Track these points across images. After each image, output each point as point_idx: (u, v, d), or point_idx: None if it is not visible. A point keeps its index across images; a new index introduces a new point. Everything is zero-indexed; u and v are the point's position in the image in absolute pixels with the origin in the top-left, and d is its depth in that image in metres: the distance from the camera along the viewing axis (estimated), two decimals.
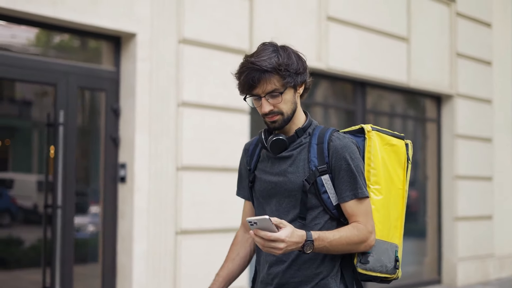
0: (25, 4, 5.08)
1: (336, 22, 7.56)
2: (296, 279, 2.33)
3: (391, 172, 2.41)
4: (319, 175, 2.30)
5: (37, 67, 5.35)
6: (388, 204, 2.39)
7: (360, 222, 2.29)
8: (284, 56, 2.30)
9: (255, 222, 2.09)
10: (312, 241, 2.18)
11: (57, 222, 5.37)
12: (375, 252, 2.33)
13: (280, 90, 2.28)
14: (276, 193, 2.37)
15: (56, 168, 5.38)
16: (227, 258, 2.56)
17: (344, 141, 2.33)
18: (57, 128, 5.39)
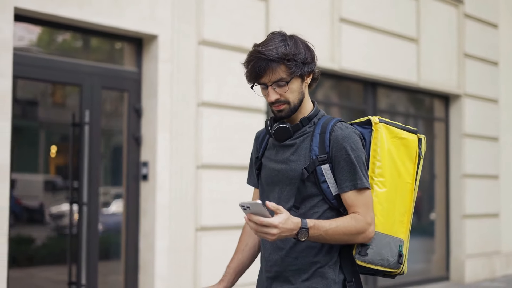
0: (55, 7, 5.24)
1: (348, 24, 7.72)
2: (294, 267, 2.33)
3: (398, 165, 2.39)
4: (318, 164, 2.30)
5: (63, 68, 5.51)
6: (393, 197, 2.37)
7: (359, 213, 2.28)
8: (291, 46, 2.30)
9: (247, 206, 2.09)
10: (307, 229, 2.16)
11: (83, 219, 5.52)
12: (375, 245, 2.31)
13: (287, 80, 2.29)
14: (279, 181, 2.38)
15: (81, 166, 5.54)
16: (237, 249, 2.57)
17: (346, 132, 2.32)
18: (82, 127, 5.55)
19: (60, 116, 6.67)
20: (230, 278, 2.51)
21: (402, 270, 2.39)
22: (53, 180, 7.39)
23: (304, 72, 2.32)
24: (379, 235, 2.32)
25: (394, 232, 2.35)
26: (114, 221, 7.41)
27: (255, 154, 2.52)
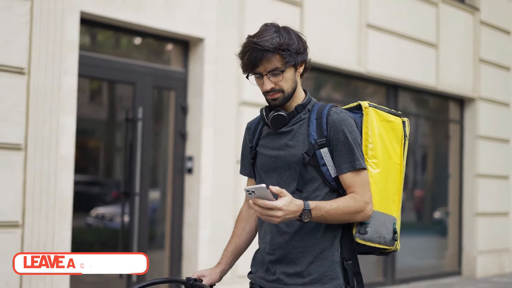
0: (115, 11, 5.64)
1: (374, 29, 8.14)
2: (299, 249, 2.39)
3: (388, 147, 2.48)
4: (318, 148, 2.37)
5: (119, 67, 5.91)
6: (386, 177, 2.46)
7: (357, 193, 2.35)
8: (285, 36, 2.37)
9: (252, 191, 2.15)
10: (310, 210, 2.24)
11: (134, 209, 5.93)
12: (373, 223, 2.39)
13: (281, 69, 2.35)
14: (277, 167, 2.44)
15: (134, 159, 5.95)
16: (233, 234, 2.65)
17: (342, 115, 2.40)
18: (135, 123, 5.96)
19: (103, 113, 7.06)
20: (228, 260, 2.62)
21: (396, 247, 2.49)
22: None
23: (297, 61, 2.39)
24: (376, 214, 2.40)
25: (388, 210, 2.45)
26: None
27: (249, 144, 2.58)
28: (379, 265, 8.62)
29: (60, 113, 5.24)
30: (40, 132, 5.11)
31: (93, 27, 5.89)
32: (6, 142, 4.93)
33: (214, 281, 2.58)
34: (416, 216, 10.13)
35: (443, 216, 10.38)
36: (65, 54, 5.28)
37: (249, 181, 2.67)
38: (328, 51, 7.57)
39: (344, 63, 7.80)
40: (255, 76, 2.42)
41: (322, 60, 7.44)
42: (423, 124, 9.99)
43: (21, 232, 5.01)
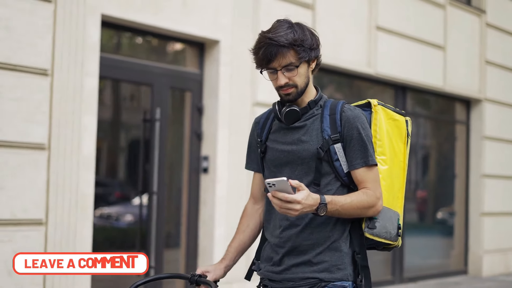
0: (134, 14, 5.77)
1: (383, 32, 8.27)
2: (309, 241, 2.42)
3: (394, 145, 2.52)
4: (332, 144, 2.41)
5: (137, 69, 6.04)
6: (392, 174, 2.51)
7: (369, 188, 2.40)
8: (299, 32, 2.40)
9: (273, 183, 2.18)
10: (326, 204, 2.28)
11: (152, 207, 6.06)
12: (381, 218, 2.44)
13: (296, 64, 2.38)
14: (289, 161, 2.46)
15: (152, 159, 6.07)
16: (238, 230, 2.66)
17: (355, 112, 2.44)
18: (153, 123, 6.09)
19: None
20: (232, 256, 2.62)
21: (398, 242, 2.52)
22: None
23: (311, 57, 2.43)
24: (384, 209, 2.45)
25: (394, 206, 2.51)
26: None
27: (257, 138, 2.59)
28: (388, 263, 8.75)
29: (82, 113, 5.37)
30: (62, 132, 5.23)
31: (114, 30, 6.01)
32: (30, 141, 5.06)
33: (218, 277, 2.59)
34: (420, 216, 10.26)
35: (445, 216, 10.51)
36: (86, 56, 5.40)
37: (255, 176, 2.68)
38: (339, 52, 7.70)
39: (354, 65, 7.93)
40: (268, 71, 2.45)
41: (333, 61, 7.57)
42: (429, 124, 10.12)
43: (45, 229, 5.13)
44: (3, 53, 4.92)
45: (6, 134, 4.93)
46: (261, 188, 2.66)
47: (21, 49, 5.02)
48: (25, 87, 5.03)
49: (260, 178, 2.65)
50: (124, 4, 5.72)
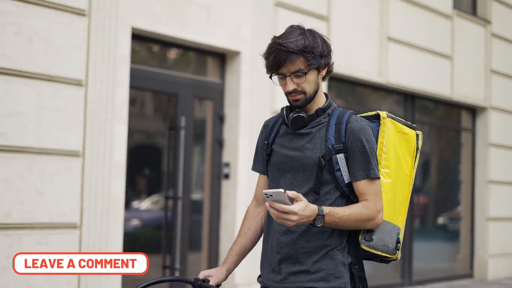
0: (162, 27, 6.04)
1: (394, 42, 8.56)
2: (305, 249, 2.42)
3: (400, 158, 2.51)
4: (334, 153, 2.40)
5: (163, 79, 6.30)
6: (395, 188, 2.49)
7: (370, 201, 2.39)
8: (310, 39, 2.41)
9: (270, 194, 2.20)
10: (323, 216, 2.28)
11: (177, 212, 6.31)
12: (379, 231, 2.43)
13: (305, 71, 2.38)
14: (292, 167, 2.47)
15: (177, 165, 6.33)
16: (240, 233, 2.65)
17: (361, 124, 2.43)
18: (178, 131, 6.35)
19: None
20: (233, 260, 2.62)
21: (397, 256, 2.52)
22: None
23: (320, 64, 2.43)
24: (383, 223, 2.44)
25: (394, 220, 2.49)
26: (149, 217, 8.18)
27: (264, 141, 2.60)
28: (397, 267, 9.01)
29: (114, 122, 5.62)
30: (96, 140, 5.49)
31: (143, 42, 6.27)
32: (66, 149, 5.31)
33: (220, 281, 2.59)
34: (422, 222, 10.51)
35: (446, 221, 10.77)
36: (118, 67, 5.66)
37: (260, 177, 2.69)
38: (352, 62, 7.97)
39: (366, 74, 8.21)
40: (278, 77, 2.46)
41: (346, 71, 7.85)
42: (435, 131, 10.39)
43: (79, 232, 5.38)
44: (42, 65, 5.18)
45: (44, 142, 5.18)
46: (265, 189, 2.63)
47: (58, 61, 5.28)
48: (62, 97, 5.29)
49: (264, 181, 2.66)
50: (153, 17, 5.98)
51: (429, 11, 9.20)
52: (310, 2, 7.46)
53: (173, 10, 6.13)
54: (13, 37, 5.03)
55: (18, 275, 4.61)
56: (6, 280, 4.93)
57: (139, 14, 5.88)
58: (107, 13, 5.59)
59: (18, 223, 5.04)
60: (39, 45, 5.17)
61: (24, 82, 5.09)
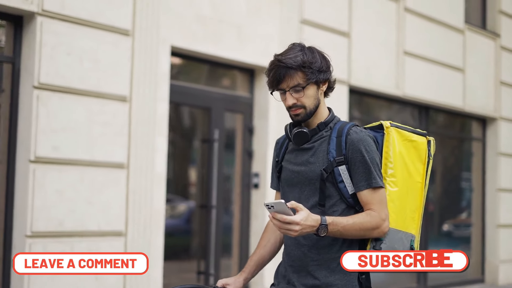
0: (197, 45, 6.39)
1: (410, 56, 8.92)
2: (316, 262, 2.47)
3: (409, 166, 2.53)
4: (336, 166, 2.45)
5: (197, 94, 6.65)
6: (404, 196, 2.51)
7: (374, 210, 2.42)
8: (308, 55, 2.49)
9: (272, 205, 2.27)
10: (326, 225, 2.33)
11: (211, 220, 6.64)
12: (388, 240, 2.45)
13: (303, 85, 2.45)
14: (298, 182, 2.52)
15: (211, 175, 6.66)
16: (259, 245, 2.73)
17: (361, 135, 2.47)
18: (212, 143, 6.68)
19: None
20: (251, 270, 2.69)
21: None
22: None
23: (319, 79, 2.49)
24: (392, 231, 2.46)
25: (406, 227, 2.50)
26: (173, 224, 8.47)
27: (276, 158, 2.68)
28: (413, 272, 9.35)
29: (155, 135, 5.96)
30: (139, 152, 5.82)
31: (181, 59, 6.62)
32: (113, 161, 5.65)
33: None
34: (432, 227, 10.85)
35: (451, 228, 11.10)
36: (158, 83, 6.00)
37: (276, 194, 2.74)
38: (371, 76, 8.32)
39: (385, 87, 8.56)
40: (279, 92, 2.53)
41: (366, 84, 8.20)
42: (446, 141, 10.75)
43: (125, 240, 5.71)
44: (91, 82, 5.52)
45: (94, 155, 5.52)
46: None
47: (105, 79, 5.62)
48: (109, 113, 5.62)
49: (279, 197, 2.70)
50: (190, 36, 6.33)
51: (442, 26, 9.56)
52: (332, 19, 7.82)
53: (207, 29, 6.48)
54: (65, 57, 5.38)
55: (66, 276, 4.92)
56: (57, 284, 5.25)
57: (178, 33, 6.23)
58: (149, 33, 5.94)
59: (70, 231, 5.37)
60: (89, 63, 5.51)
61: (75, 99, 5.43)
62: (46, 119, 5.24)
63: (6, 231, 5.23)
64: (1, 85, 5.42)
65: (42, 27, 5.23)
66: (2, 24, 5.39)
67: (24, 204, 5.15)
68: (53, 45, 5.29)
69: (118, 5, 5.73)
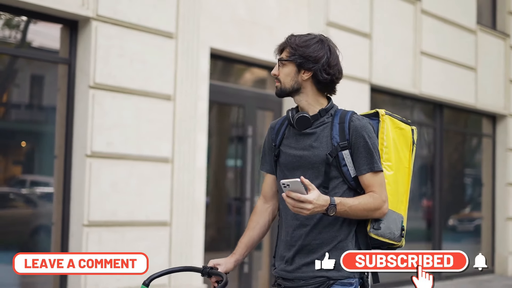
0: (233, 46, 6.78)
1: (426, 56, 9.32)
2: (317, 241, 2.56)
3: (399, 152, 2.66)
4: (340, 150, 2.55)
5: (232, 92, 7.03)
6: (397, 179, 2.65)
7: (376, 192, 2.54)
8: (306, 41, 2.58)
9: (288, 184, 2.32)
10: (335, 205, 2.43)
11: (245, 212, 7.04)
12: (386, 220, 2.57)
13: (284, 60, 2.58)
14: (300, 165, 2.59)
15: (244, 170, 7.05)
16: (248, 227, 2.77)
17: (363, 122, 2.58)
18: (245, 140, 7.08)
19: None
20: (242, 251, 2.74)
21: (402, 243, 2.66)
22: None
23: (300, 64, 2.57)
24: (389, 212, 2.59)
25: (398, 209, 2.64)
26: None
27: (272, 143, 2.71)
28: None
29: (196, 132, 6.35)
30: (182, 148, 6.21)
31: (218, 60, 7.01)
32: (159, 156, 6.03)
33: (228, 270, 2.72)
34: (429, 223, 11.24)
35: (455, 223, 11.49)
36: (199, 83, 6.39)
37: (268, 176, 2.79)
38: (391, 75, 8.72)
39: (402, 86, 8.96)
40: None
41: (386, 83, 8.60)
42: (457, 137, 11.16)
43: (169, 229, 6.10)
44: (140, 82, 5.91)
45: (143, 150, 5.90)
46: (272, 188, 2.77)
47: (152, 79, 6.01)
48: (155, 110, 6.01)
49: (272, 179, 2.76)
50: (227, 38, 6.72)
51: (456, 27, 9.96)
52: (355, 21, 8.21)
53: (242, 32, 6.87)
54: (117, 58, 5.76)
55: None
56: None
57: (216, 35, 6.61)
58: (190, 36, 6.32)
59: (122, 221, 5.76)
60: (138, 65, 5.89)
61: (126, 98, 5.82)
62: (101, 116, 5.62)
63: (64, 221, 5.62)
64: (57, 85, 5.81)
65: (97, 31, 5.61)
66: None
67: (81, 195, 5.53)
68: (106, 47, 5.67)
69: (163, 10, 6.11)
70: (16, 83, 6.04)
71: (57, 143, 5.73)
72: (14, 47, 5.73)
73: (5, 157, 5.92)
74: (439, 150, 10.07)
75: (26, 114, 6.15)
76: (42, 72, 6.09)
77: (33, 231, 6.02)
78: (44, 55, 5.89)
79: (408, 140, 2.69)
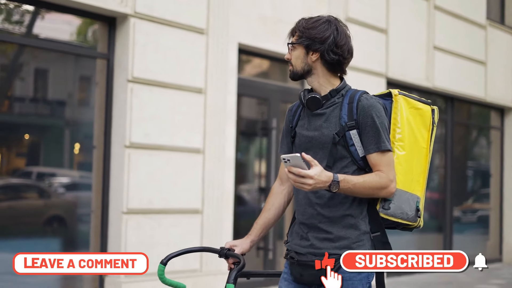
0: (261, 42, 7.06)
1: (439, 51, 9.61)
2: (328, 219, 2.56)
3: (415, 132, 2.63)
4: (348, 130, 2.54)
5: (258, 86, 7.31)
6: (411, 159, 2.61)
7: (383, 171, 2.51)
8: (314, 23, 2.57)
9: (288, 159, 2.32)
10: (338, 182, 2.42)
11: None
12: (396, 200, 2.55)
13: (293, 43, 2.60)
14: (312, 146, 2.60)
15: (269, 160, 7.34)
16: (264, 208, 2.77)
17: (371, 101, 2.55)
18: (270, 131, 7.36)
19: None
20: (257, 232, 2.76)
21: (419, 223, 2.63)
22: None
23: (308, 46, 2.57)
24: (400, 192, 2.56)
25: (412, 189, 2.61)
26: None
27: (289, 125, 2.73)
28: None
29: (226, 124, 6.63)
30: (212, 139, 6.49)
31: (246, 55, 7.28)
32: (192, 147, 6.32)
33: (245, 251, 2.74)
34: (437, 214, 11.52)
35: (459, 214, 11.78)
36: (228, 77, 6.67)
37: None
38: (405, 69, 9.01)
39: (417, 80, 9.25)
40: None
41: (401, 77, 8.89)
42: (465, 130, 11.46)
43: (201, 217, 6.39)
44: (174, 76, 6.18)
45: (176, 141, 6.19)
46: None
47: (185, 73, 6.28)
48: (188, 103, 6.29)
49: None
50: (253, 34, 6.99)
51: (467, 22, 10.25)
52: (372, 17, 8.49)
53: (267, 28, 7.14)
54: (153, 54, 6.04)
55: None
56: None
57: (244, 31, 6.89)
58: (220, 32, 6.60)
59: (158, 208, 6.05)
60: (172, 60, 6.17)
61: (161, 91, 6.10)
62: (138, 109, 5.90)
63: (103, 208, 5.91)
64: (95, 79, 6.09)
65: (135, 27, 5.88)
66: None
67: (120, 184, 5.82)
68: (143, 43, 5.95)
69: (195, 7, 6.38)
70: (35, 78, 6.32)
71: (96, 134, 6.01)
72: (56, 43, 6.00)
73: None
74: (450, 143, 10.37)
75: (68, 111, 6.44)
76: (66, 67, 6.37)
77: (71, 220, 6.30)
78: (83, 51, 6.16)
79: (426, 120, 2.66)
